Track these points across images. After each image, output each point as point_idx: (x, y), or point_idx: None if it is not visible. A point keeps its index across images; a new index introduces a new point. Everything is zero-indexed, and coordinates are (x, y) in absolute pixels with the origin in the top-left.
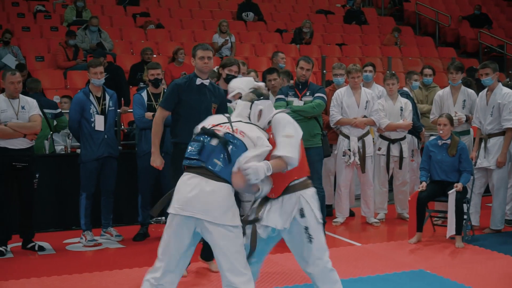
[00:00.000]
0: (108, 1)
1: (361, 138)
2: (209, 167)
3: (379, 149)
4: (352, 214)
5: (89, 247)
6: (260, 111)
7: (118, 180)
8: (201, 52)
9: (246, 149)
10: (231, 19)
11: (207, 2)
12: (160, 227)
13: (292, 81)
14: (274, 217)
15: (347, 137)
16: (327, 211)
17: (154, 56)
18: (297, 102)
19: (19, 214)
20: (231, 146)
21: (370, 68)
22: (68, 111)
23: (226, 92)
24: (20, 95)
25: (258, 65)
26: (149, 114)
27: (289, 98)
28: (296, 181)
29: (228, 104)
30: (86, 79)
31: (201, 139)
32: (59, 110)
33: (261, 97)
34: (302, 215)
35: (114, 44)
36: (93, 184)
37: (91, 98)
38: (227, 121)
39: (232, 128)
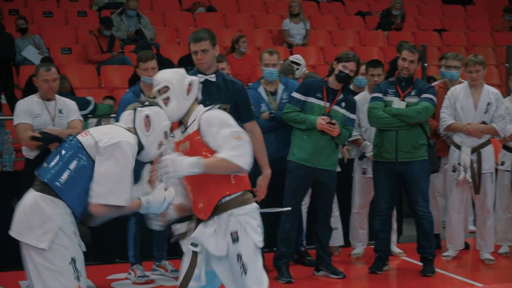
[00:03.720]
0: None
1: (476, 150)
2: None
3: (502, 163)
4: (467, 246)
5: (139, 285)
6: (147, 117)
7: None
8: (193, 45)
9: (81, 148)
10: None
11: None
12: None
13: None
14: (209, 240)
15: (459, 147)
16: (435, 242)
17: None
18: (397, 103)
19: None
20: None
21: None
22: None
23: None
24: (57, 96)
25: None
26: None
27: (388, 98)
28: (228, 198)
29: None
30: (124, 75)
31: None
32: (90, 108)
33: (148, 104)
34: (234, 239)
35: (156, 31)
36: None
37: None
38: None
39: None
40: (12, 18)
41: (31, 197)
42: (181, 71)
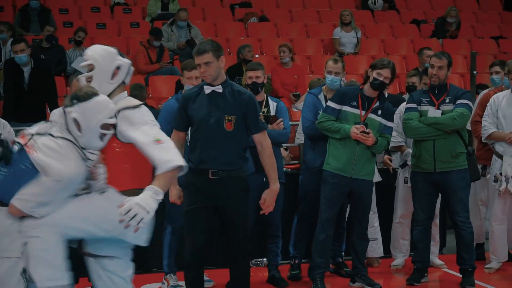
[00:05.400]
0: None
1: None
2: None
3: None
4: (511, 258)
5: None
6: (75, 120)
7: None
8: (196, 58)
9: (32, 170)
10: (354, 8)
11: None
12: (260, 270)
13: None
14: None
15: (501, 157)
16: (477, 254)
17: (256, 56)
18: (433, 112)
19: None
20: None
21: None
22: None
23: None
24: None
25: None
26: None
27: (423, 107)
28: None
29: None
30: (172, 85)
31: None
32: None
33: (76, 101)
34: None
35: None
36: (181, 215)
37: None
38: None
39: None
40: (66, 29)
41: None
42: (113, 51)
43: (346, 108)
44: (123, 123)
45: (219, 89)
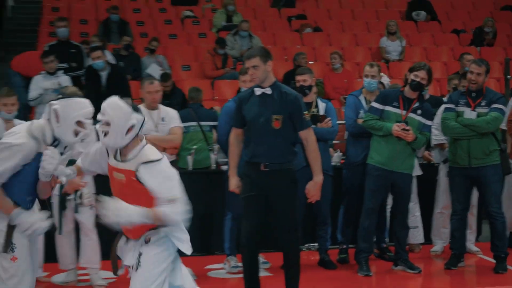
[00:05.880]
0: (262, 3)
1: None
2: None
3: None
4: None
5: (233, 274)
6: (55, 111)
7: None
8: (246, 62)
9: None
10: (400, 19)
11: (371, 1)
12: (312, 254)
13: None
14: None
15: None
16: (510, 241)
17: (310, 62)
18: (469, 113)
19: None
20: None
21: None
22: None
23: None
24: (161, 106)
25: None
26: None
27: (460, 108)
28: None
29: None
30: (235, 89)
31: None
32: (217, 122)
33: (61, 96)
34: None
35: None
36: (240, 204)
37: None
38: None
39: None
40: (141, 39)
41: None
42: (128, 110)
43: (388, 108)
44: (145, 173)
45: (268, 90)
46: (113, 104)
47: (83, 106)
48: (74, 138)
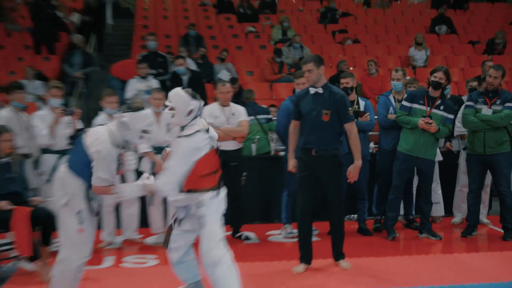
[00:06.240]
0: (310, 20)
1: None
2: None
3: None
4: None
5: (288, 239)
6: (125, 123)
7: None
8: (302, 67)
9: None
10: (424, 33)
11: (401, 18)
12: (352, 223)
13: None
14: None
15: None
16: None
17: (351, 68)
18: (485, 110)
19: (229, 207)
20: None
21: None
22: (275, 117)
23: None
24: (231, 103)
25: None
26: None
27: (478, 106)
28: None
29: None
30: (290, 90)
31: None
32: (270, 116)
33: (129, 110)
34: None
35: None
36: (295, 183)
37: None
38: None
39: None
40: (214, 50)
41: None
42: (187, 98)
43: (415, 106)
44: (174, 145)
45: (320, 90)
46: (176, 94)
47: (146, 117)
48: (139, 140)
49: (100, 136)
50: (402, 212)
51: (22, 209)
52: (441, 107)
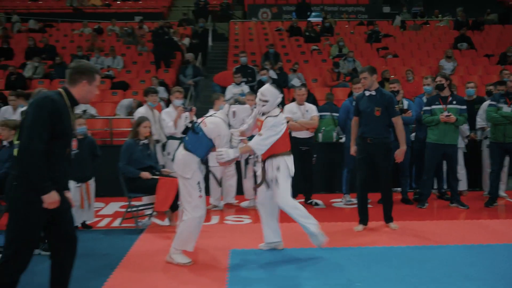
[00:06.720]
0: (360, 40)
1: None
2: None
3: None
4: None
5: (347, 205)
6: (234, 112)
7: None
8: (359, 75)
9: (203, 133)
10: (449, 49)
11: (430, 38)
12: (396, 195)
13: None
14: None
15: None
16: None
17: (392, 76)
18: (506, 108)
19: (302, 180)
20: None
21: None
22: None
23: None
24: (305, 102)
25: None
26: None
27: (500, 105)
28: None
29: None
30: (346, 93)
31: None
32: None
33: (238, 103)
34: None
35: None
36: (353, 162)
37: (354, 104)
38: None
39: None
40: (287, 64)
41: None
42: (277, 92)
43: (433, 107)
44: (266, 121)
45: (373, 93)
46: (269, 89)
47: (247, 110)
48: (241, 124)
49: (218, 123)
50: (436, 186)
51: (168, 178)
52: (454, 102)
